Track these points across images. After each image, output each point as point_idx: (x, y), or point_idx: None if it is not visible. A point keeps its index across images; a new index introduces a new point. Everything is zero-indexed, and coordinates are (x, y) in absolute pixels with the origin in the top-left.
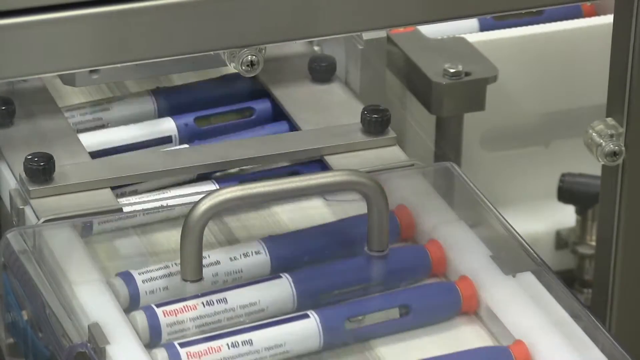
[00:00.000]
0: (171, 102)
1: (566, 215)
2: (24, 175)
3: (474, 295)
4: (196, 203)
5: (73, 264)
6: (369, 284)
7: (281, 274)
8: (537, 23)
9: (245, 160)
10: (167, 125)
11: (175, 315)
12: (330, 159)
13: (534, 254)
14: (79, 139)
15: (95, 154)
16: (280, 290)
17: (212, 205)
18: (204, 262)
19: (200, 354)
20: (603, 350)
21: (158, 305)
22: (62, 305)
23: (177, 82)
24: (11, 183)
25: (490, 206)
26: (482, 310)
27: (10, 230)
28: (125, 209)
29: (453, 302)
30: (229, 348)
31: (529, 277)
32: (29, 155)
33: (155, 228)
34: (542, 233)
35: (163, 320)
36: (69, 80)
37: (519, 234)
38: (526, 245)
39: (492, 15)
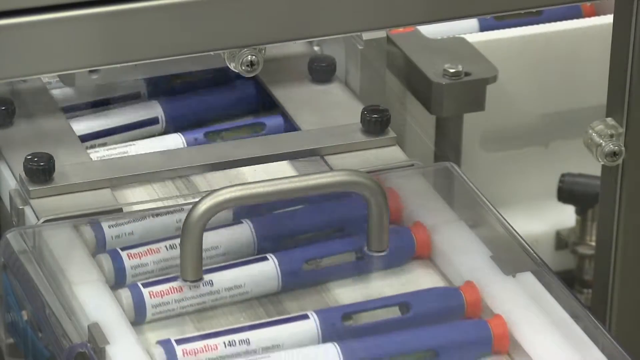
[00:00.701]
0: (178, 112)
1: (566, 216)
2: (23, 175)
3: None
4: (196, 203)
5: (73, 264)
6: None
7: (242, 220)
8: (537, 23)
9: (246, 160)
10: (176, 143)
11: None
12: (330, 159)
13: (534, 254)
14: (78, 139)
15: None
16: (241, 234)
17: (211, 206)
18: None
19: (162, 293)
20: (603, 351)
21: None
22: (62, 306)
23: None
24: (11, 183)
25: (490, 206)
26: (481, 311)
27: (10, 230)
28: (125, 209)
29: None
30: (190, 289)
31: (529, 278)
32: (28, 155)
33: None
34: (542, 233)
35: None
36: (68, 81)
37: (519, 234)
38: (526, 245)
39: (492, 16)
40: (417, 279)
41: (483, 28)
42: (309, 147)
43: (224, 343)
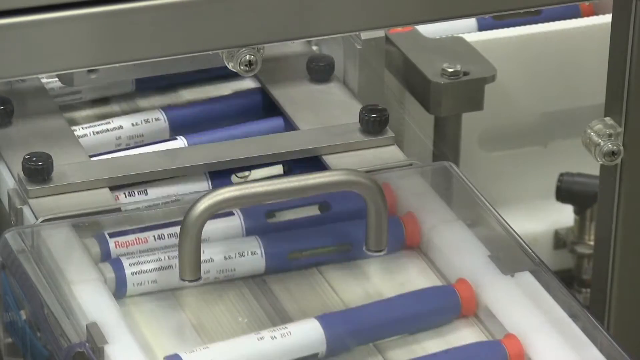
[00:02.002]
0: (182, 120)
1: (564, 215)
2: (22, 174)
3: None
4: (194, 203)
5: (71, 263)
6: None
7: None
8: (536, 23)
9: (244, 160)
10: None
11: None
12: (329, 159)
13: (533, 254)
14: (77, 139)
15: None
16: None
17: (210, 205)
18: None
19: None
20: (601, 350)
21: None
22: (60, 305)
23: (187, 97)
24: (9, 183)
25: (489, 206)
26: (480, 310)
27: (8, 230)
28: (124, 209)
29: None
30: (169, 259)
31: (527, 277)
32: (27, 155)
33: None
34: (540, 233)
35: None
36: (67, 80)
37: (517, 234)
38: (524, 244)
39: (490, 15)
40: (414, 279)
41: (481, 27)
42: (307, 147)
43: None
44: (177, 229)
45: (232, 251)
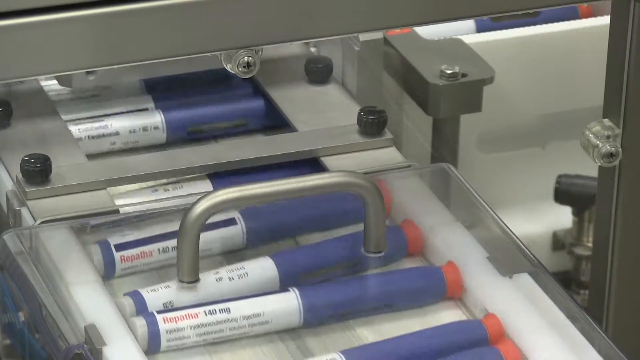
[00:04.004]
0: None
1: (563, 217)
2: (20, 176)
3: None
4: (193, 204)
5: (70, 265)
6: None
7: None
8: (534, 24)
9: (242, 161)
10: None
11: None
12: (327, 160)
13: (531, 255)
14: (75, 140)
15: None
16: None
17: (208, 207)
18: None
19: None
20: (599, 352)
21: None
22: (58, 307)
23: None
24: (8, 184)
25: (487, 207)
26: (477, 312)
27: (7, 231)
28: (122, 211)
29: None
30: (206, 315)
31: (525, 279)
32: (25, 156)
33: None
34: (538, 234)
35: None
36: (65, 81)
37: (515, 235)
38: (523, 246)
39: (488, 17)
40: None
41: (480, 29)
42: (306, 149)
43: (205, 312)
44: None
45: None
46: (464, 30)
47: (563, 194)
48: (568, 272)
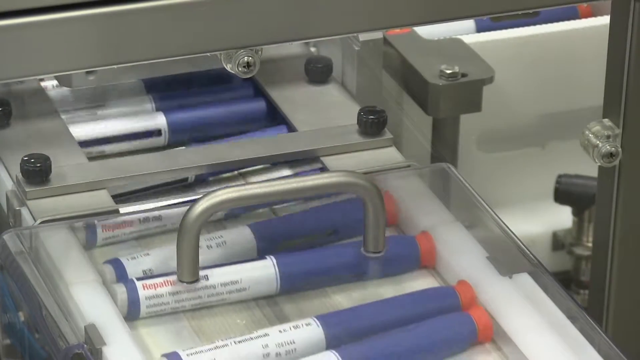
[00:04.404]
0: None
1: (563, 217)
2: (20, 176)
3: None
4: (193, 204)
5: (69, 265)
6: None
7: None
8: (534, 24)
9: (242, 162)
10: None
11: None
12: (327, 160)
13: (531, 255)
14: (75, 141)
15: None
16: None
17: (208, 207)
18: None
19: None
20: (599, 352)
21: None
22: (58, 306)
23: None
24: (8, 184)
25: (487, 207)
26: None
27: (6, 231)
28: (122, 211)
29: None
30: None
31: (525, 278)
32: (25, 156)
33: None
34: (538, 234)
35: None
36: (65, 82)
37: (515, 235)
38: (523, 246)
39: (488, 17)
40: (412, 281)
41: (480, 29)
42: (306, 148)
43: None
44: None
45: None
46: (463, 30)
47: (563, 194)
48: (568, 272)
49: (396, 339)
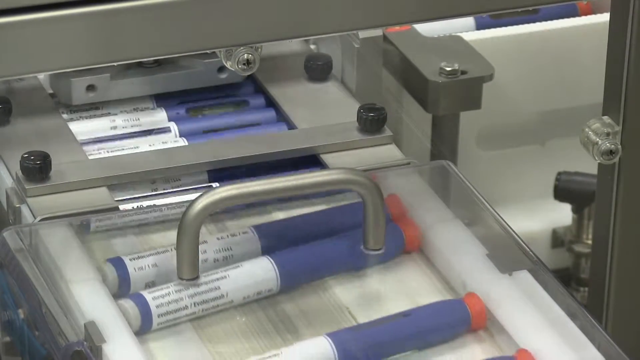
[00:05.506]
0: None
1: (562, 214)
2: (20, 173)
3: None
4: (192, 202)
5: (69, 262)
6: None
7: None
8: (534, 22)
9: (242, 159)
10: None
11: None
12: (327, 158)
13: (530, 253)
14: (75, 138)
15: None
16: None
17: (208, 204)
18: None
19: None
20: (599, 349)
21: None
22: (58, 304)
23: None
24: (7, 181)
25: (487, 204)
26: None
27: (6, 228)
28: (121, 208)
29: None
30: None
31: (525, 276)
32: (25, 153)
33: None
34: (538, 231)
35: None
36: (65, 98)
37: (515, 233)
38: (522, 243)
39: (488, 14)
40: (412, 279)
41: (479, 26)
42: (305, 146)
43: None
44: None
45: None
46: (463, 28)
47: (563, 191)
48: (568, 270)
49: (387, 326)
